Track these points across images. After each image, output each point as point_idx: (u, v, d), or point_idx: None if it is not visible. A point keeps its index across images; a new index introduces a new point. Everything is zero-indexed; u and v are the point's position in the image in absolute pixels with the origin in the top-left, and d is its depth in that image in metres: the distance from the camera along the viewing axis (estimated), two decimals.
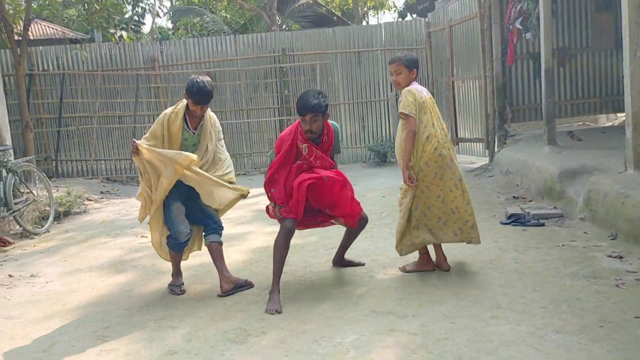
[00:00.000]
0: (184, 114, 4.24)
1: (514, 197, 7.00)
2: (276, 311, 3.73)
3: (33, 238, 6.77)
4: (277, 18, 15.54)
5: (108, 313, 4.03)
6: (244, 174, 10.99)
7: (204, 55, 11.33)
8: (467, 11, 9.83)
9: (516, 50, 9.00)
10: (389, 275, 4.35)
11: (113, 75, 11.01)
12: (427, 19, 11.65)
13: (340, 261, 4.63)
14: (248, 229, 6.49)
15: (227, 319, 3.72)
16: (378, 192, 8.04)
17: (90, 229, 7.10)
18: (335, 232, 5.79)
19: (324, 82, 11.28)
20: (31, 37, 13.84)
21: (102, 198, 9.16)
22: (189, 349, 3.31)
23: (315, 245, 5.37)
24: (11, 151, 6.98)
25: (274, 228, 5.67)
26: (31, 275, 5.14)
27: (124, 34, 10.19)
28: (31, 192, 7.10)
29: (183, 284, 4.45)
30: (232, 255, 5.25)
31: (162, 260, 4.63)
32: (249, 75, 11.34)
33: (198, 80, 4.12)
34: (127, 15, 18.18)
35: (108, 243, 6.22)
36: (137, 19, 20.51)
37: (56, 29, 13.56)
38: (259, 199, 8.15)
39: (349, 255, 4.69)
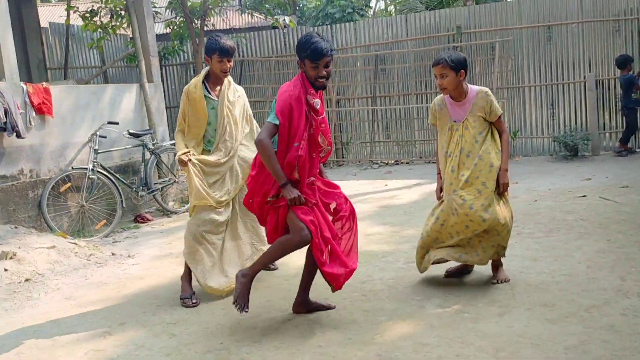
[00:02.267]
0: (203, 82, 4.01)
1: None
2: (238, 306, 3.24)
3: (170, 217, 7.23)
4: None
5: (141, 306, 3.98)
6: (406, 163, 10.34)
7: (374, 37, 10.88)
8: None
9: None
10: (442, 309, 3.49)
11: (285, 61, 11.25)
12: None
13: (304, 304, 3.58)
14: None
15: (228, 334, 3.35)
16: (535, 194, 6.76)
17: None
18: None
19: (504, 63, 9.94)
20: (237, 26, 15.00)
21: None
22: None
23: (396, 256, 4.65)
24: (156, 135, 7.50)
25: (380, 229, 5.09)
26: (128, 256, 5.43)
27: (287, 19, 10.24)
28: (173, 173, 7.57)
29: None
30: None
31: None
32: (419, 56, 10.56)
33: (216, 36, 3.95)
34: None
35: None
36: (364, 3, 20.82)
37: (260, 17, 14.45)
38: (397, 192, 7.54)
39: None
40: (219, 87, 4.05)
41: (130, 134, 6.97)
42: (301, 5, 26.14)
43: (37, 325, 3.77)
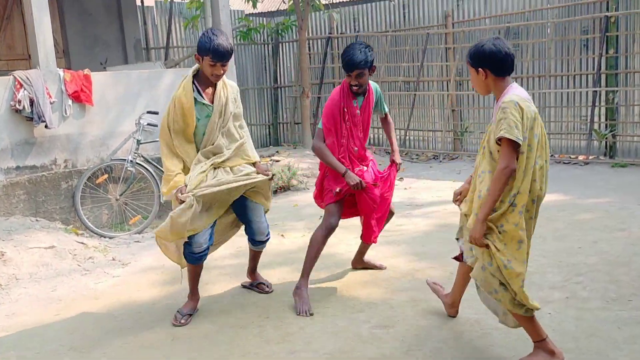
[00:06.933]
0: (193, 85, 3.50)
1: None
2: (308, 312, 3.52)
3: None
4: None
5: (47, 343, 3.47)
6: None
7: (508, 6, 9.03)
8: None
9: None
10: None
11: (402, 36, 9.95)
12: None
13: (359, 261, 4.31)
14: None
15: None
16: None
17: (277, 212, 6.55)
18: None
19: None
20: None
21: None
22: None
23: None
24: None
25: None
26: (122, 264, 5.00)
27: None
28: None
29: (191, 315, 3.65)
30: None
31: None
32: (562, 29, 8.50)
33: (212, 32, 3.42)
34: None
35: None
36: None
37: None
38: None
39: None
40: (211, 90, 3.56)
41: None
42: None
43: None
